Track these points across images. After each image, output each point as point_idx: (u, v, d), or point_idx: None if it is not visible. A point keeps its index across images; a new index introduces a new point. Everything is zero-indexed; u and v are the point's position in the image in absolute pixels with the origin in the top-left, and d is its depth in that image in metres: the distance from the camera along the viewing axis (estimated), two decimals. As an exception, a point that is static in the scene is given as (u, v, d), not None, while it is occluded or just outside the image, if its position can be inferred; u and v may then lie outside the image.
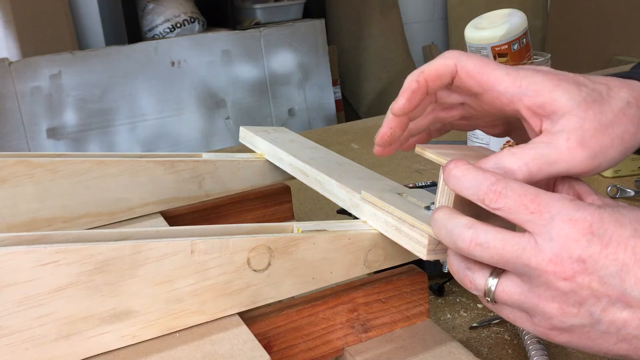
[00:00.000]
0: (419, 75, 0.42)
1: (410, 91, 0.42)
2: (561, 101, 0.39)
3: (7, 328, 0.37)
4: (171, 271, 0.41)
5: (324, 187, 0.56)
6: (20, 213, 0.58)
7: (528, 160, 0.38)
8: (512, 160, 0.38)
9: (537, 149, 0.38)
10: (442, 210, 0.38)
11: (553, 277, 0.33)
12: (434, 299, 0.64)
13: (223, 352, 0.41)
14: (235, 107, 2.35)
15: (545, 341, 0.54)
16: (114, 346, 0.41)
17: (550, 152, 0.38)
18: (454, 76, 0.42)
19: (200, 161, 0.65)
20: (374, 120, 1.40)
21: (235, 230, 0.45)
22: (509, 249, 0.34)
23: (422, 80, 0.42)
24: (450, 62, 0.42)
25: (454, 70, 0.42)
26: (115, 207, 0.62)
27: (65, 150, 2.08)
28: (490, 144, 0.86)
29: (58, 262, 0.38)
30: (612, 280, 0.32)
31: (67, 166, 0.59)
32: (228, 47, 2.30)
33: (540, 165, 0.38)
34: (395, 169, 1.04)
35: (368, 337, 0.49)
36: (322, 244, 0.46)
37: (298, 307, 0.46)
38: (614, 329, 0.33)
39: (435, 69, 0.42)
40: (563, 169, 0.38)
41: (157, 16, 2.26)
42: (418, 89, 0.42)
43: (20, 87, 2.01)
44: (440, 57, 0.43)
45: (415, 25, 3.02)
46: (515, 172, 0.38)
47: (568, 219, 0.33)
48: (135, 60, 2.15)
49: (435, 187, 0.42)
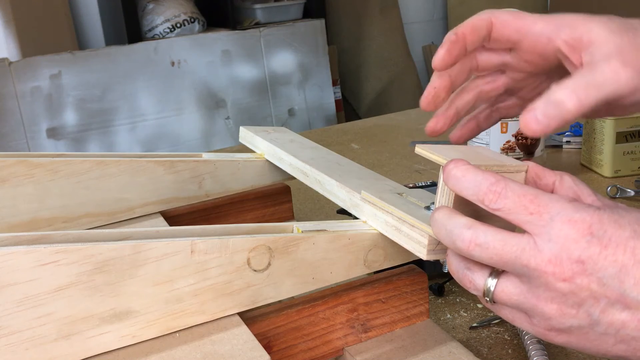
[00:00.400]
0: (456, 28, 0.45)
1: (449, 42, 0.45)
2: (596, 31, 0.41)
3: (7, 328, 0.37)
4: (171, 271, 0.41)
5: (324, 187, 0.56)
6: (20, 213, 0.58)
7: (575, 88, 0.39)
8: (560, 91, 0.39)
9: (583, 77, 0.39)
10: (441, 210, 0.38)
11: (552, 278, 0.33)
12: (434, 299, 0.64)
13: (223, 352, 0.41)
14: (235, 107, 2.35)
15: (545, 341, 0.54)
16: (114, 346, 0.41)
17: (595, 77, 0.39)
18: (490, 29, 0.45)
19: (200, 161, 0.65)
20: (374, 120, 1.40)
21: (235, 230, 0.45)
22: (508, 250, 0.34)
23: (459, 33, 0.45)
24: (485, 15, 0.45)
25: (489, 23, 0.45)
26: (115, 207, 0.62)
27: (65, 150, 2.08)
28: (491, 144, 0.86)
29: (58, 262, 0.38)
30: (611, 282, 0.32)
31: (67, 166, 0.59)
32: (228, 47, 2.29)
33: (588, 91, 0.39)
34: (395, 169, 1.04)
35: (368, 337, 0.49)
36: (322, 244, 0.46)
37: (298, 307, 0.46)
38: (612, 330, 0.33)
39: (471, 23, 0.45)
40: (611, 91, 0.39)
41: (157, 16, 2.26)
42: (456, 41, 0.44)
43: (20, 87, 2.00)
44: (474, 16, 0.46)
45: (415, 25, 3.02)
46: (565, 102, 0.39)
47: (567, 219, 0.33)
48: (135, 60, 2.15)
49: (435, 187, 0.42)
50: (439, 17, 3.08)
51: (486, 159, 0.41)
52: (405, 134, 1.24)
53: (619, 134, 0.88)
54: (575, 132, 1.07)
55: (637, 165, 0.89)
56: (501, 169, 0.40)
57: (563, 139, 1.06)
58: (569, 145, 1.05)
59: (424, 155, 0.43)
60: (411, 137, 1.22)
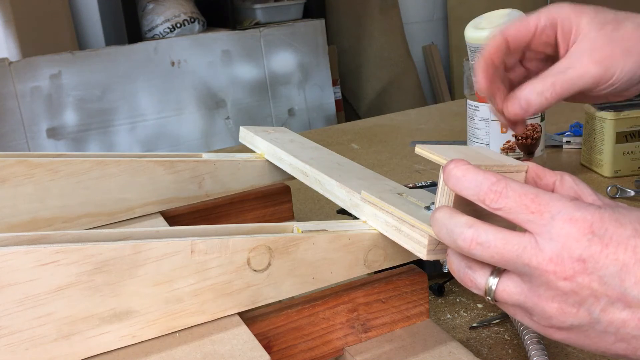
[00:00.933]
0: (481, 56, 0.53)
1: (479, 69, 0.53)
2: (582, 25, 0.50)
3: (7, 328, 0.37)
4: (171, 271, 0.41)
5: (324, 187, 0.56)
6: (20, 213, 0.58)
7: (554, 81, 0.49)
8: (540, 84, 0.50)
9: (560, 72, 0.49)
10: (442, 209, 0.38)
11: (553, 277, 0.33)
12: (434, 299, 0.64)
13: (223, 352, 0.41)
14: (235, 107, 2.35)
15: (545, 341, 0.54)
16: (114, 346, 0.41)
17: (569, 73, 0.49)
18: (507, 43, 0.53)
19: (200, 161, 0.65)
20: (374, 120, 1.40)
21: (235, 230, 0.45)
22: (509, 249, 0.34)
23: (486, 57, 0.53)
24: (497, 36, 0.53)
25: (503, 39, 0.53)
26: (115, 207, 0.62)
27: (65, 150, 2.08)
28: (491, 144, 0.86)
29: (58, 262, 0.38)
30: (612, 280, 0.32)
31: (67, 166, 0.59)
32: (228, 47, 2.29)
33: (563, 85, 0.49)
34: (395, 169, 1.04)
35: (368, 337, 0.49)
36: (322, 244, 0.46)
37: (298, 307, 0.46)
38: (612, 329, 0.33)
39: (489, 47, 0.53)
40: (581, 85, 0.49)
41: (157, 16, 2.26)
42: (485, 65, 0.53)
43: (20, 87, 2.01)
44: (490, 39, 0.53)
45: (415, 25, 3.02)
46: (544, 93, 0.49)
47: (568, 218, 0.33)
48: (135, 60, 2.15)
49: (435, 187, 0.42)
50: (439, 17, 3.08)
51: (486, 159, 0.41)
52: (405, 134, 1.24)
53: (619, 134, 0.88)
54: (575, 132, 1.07)
55: (637, 165, 0.89)
56: (501, 169, 0.40)
57: (563, 139, 1.05)
58: (569, 145, 1.05)
59: (424, 155, 0.43)
60: (411, 137, 1.22)
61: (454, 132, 1.20)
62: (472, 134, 0.88)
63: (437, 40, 3.10)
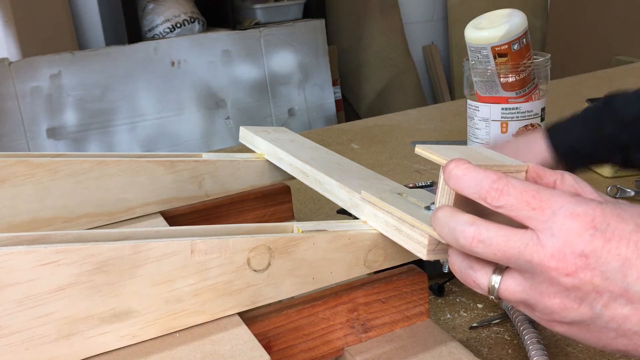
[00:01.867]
0: None
1: None
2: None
3: (7, 328, 0.37)
4: (171, 271, 0.41)
5: (324, 187, 0.56)
6: (20, 213, 0.58)
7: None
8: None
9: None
10: (443, 208, 0.38)
11: (556, 273, 0.33)
12: (434, 299, 0.64)
13: (223, 352, 0.41)
14: (235, 107, 2.35)
15: (545, 341, 0.54)
16: (114, 346, 0.41)
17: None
18: None
19: (200, 161, 0.65)
20: (374, 120, 1.40)
21: (235, 230, 0.45)
22: (511, 246, 0.34)
23: None
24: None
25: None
26: (115, 207, 0.62)
27: (65, 150, 2.08)
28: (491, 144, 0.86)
29: (58, 262, 0.38)
30: (614, 276, 0.32)
31: (67, 166, 0.59)
32: (228, 47, 2.29)
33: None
34: (395, 169, 1.04)
35: (368, 337, 0.49)
36: (322, 244, 0.46)
37: (298, 307, 0.46)
38: (614, 325, 0.33)
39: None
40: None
41: (157, 16, 2.26)
42: None
43: (20, 87, 2.00)
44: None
45: (415, 25, 3.02)
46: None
47: (570, 213, 0.33)
48: (135, 60, 2.15)
49: (435, 187, 0.42)
50: (439, 17, 3.08)
51: (486, 159, 0.41)
52: (405, 134, 1.24)
53: (619, 134, 0.88)
54: (576, 132, 1.06)
55: (637, 165, 0.89)
56: (501, 169, 0.40)
57: (563, 139, 1.05)
58: (569, 145, 1.04)
59: (424, 155, 0.43)
60: (411, 137, 1.22)
61: (454, 132, 1.20)
62: (472, 134, 0.88)
63: (437, 40, 3.10)
